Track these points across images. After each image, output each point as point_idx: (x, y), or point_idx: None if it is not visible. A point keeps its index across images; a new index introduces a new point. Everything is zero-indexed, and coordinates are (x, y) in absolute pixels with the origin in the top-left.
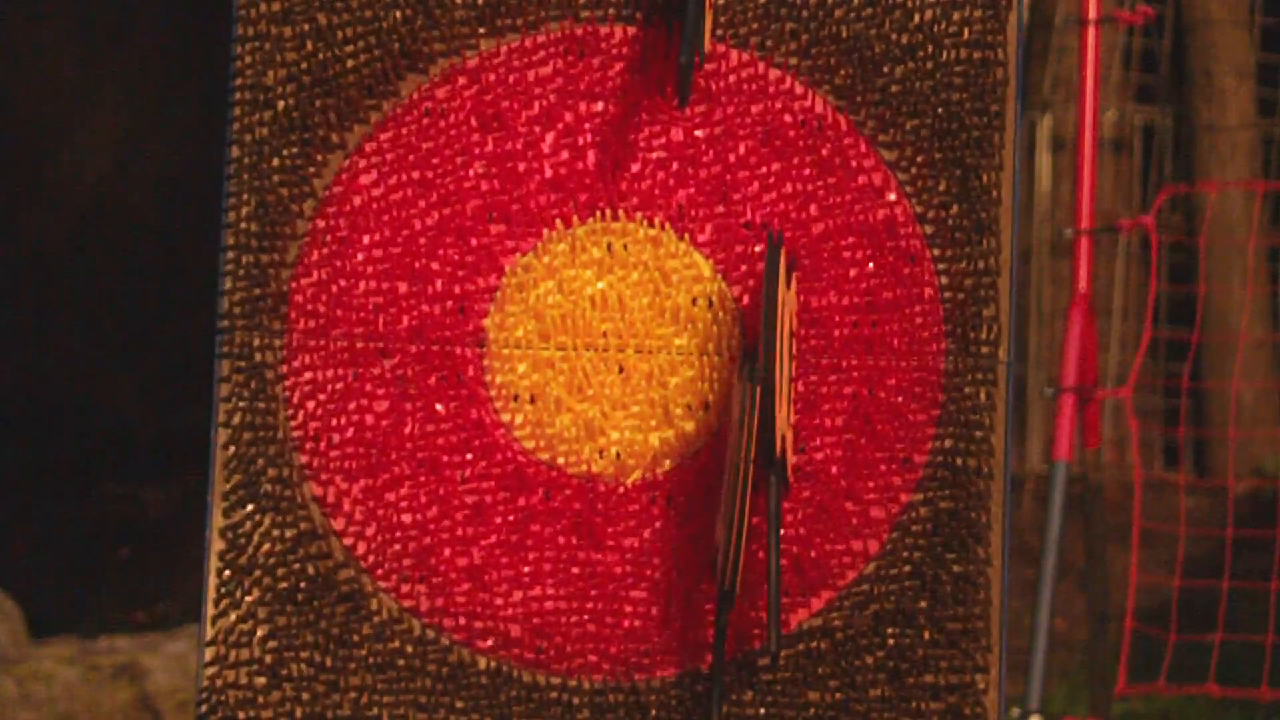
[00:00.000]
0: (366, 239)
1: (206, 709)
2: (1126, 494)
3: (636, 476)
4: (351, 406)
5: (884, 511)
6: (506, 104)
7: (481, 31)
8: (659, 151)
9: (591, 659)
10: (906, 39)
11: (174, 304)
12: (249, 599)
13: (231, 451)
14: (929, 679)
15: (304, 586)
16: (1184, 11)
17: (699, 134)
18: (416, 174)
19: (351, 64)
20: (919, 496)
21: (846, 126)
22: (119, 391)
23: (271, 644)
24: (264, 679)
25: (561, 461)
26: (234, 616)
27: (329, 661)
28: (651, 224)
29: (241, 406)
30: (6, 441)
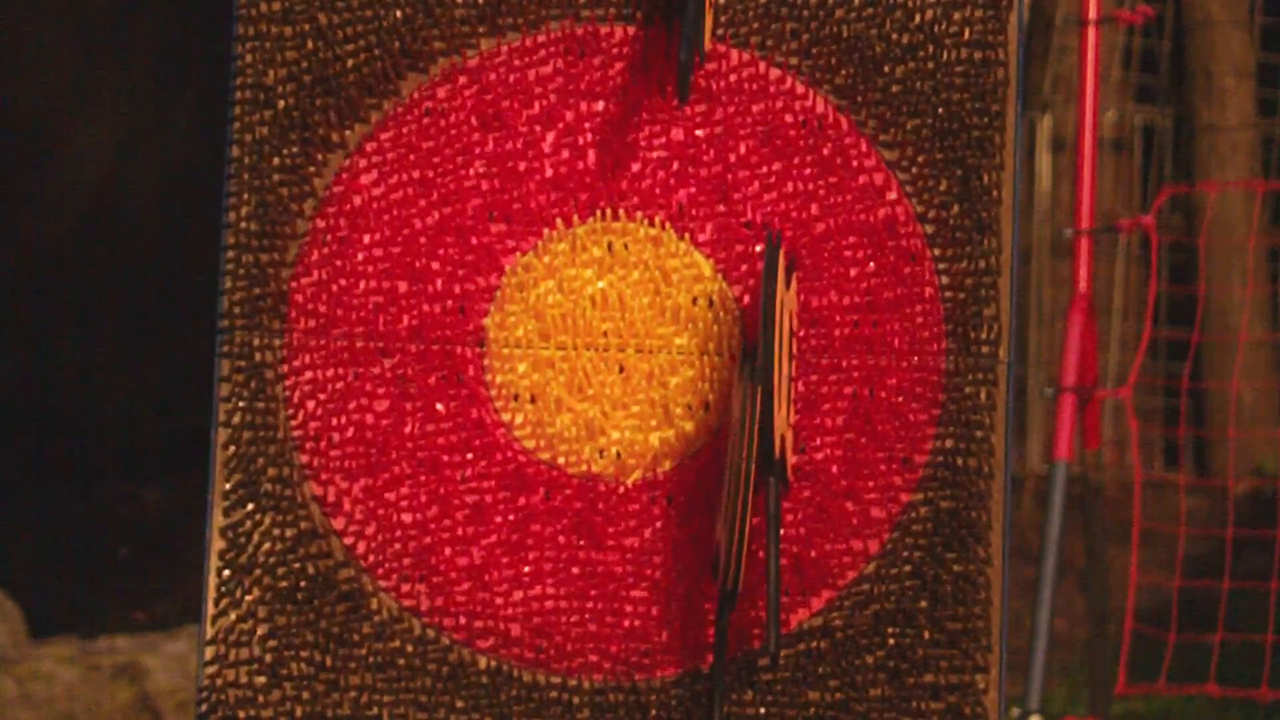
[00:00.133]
0: (367, 238)
1: (207, 708)
2: (1126, 494)
3: (637, 476)
4: (352, 406)
5: (884, 511)
6: (507, 103)
7: (482, 31)
8: (659, 151)
9: (592, 659)
10: (907, 39)
11: (174, 304)
12: (249, 598)
13: (232, 451)
14: (929, 679)
15: (304, 586)
16: (1184, 11)
17: (700, 133)
18: (417, 173)
19: (352, 63)
20: (919, 496)
21: (847, 126)
22: (119, 391)
23: (271, 643)
24: (264, 678)
25: (562, 461)
26: (234, 616)
27: (329, 661)
28: (652, 223)
29: (242, 406)
30: (6, 442)
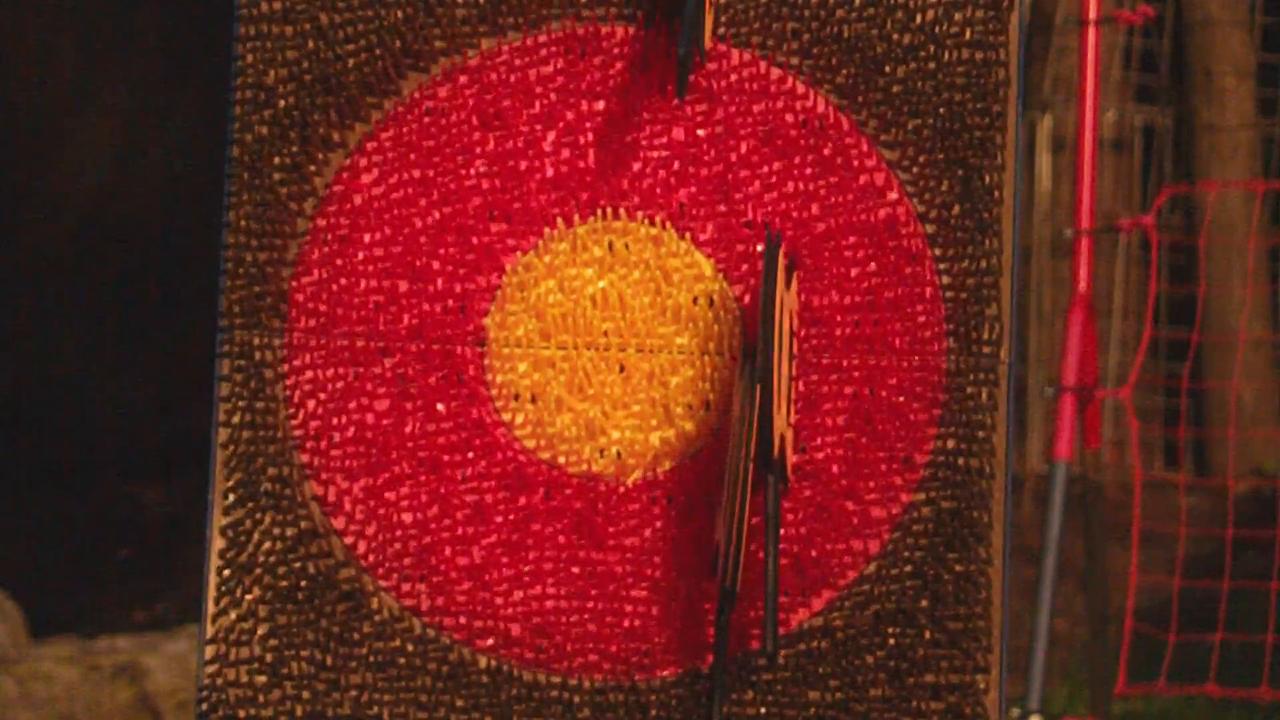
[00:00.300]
0: (367, 238)
1: (207, 707)
2: (1126, 494)
3: (637, 476)
4: (352, 405)
5: (885, 511)
6: (508, 103)
7: (483, 30)
8: (660, 150)
9: (592, 658)
10: (908, 39)
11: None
12: (249, 597)
13: (232, 450)
14: (930, 679)
15: (304, 585)
16: (1184, 11)
17: (700, 133)
18: (417, 173)
19: (353, 63)
20: (920, 496)
21: (848, 126)
22: (119, 391)
23: (272, 642)
24: (264, 677)
25: (562, 461)
26: (234, 615)
27: (329, 660)
28: (653, 223)
29: (242, 405)
30: (6, 441)
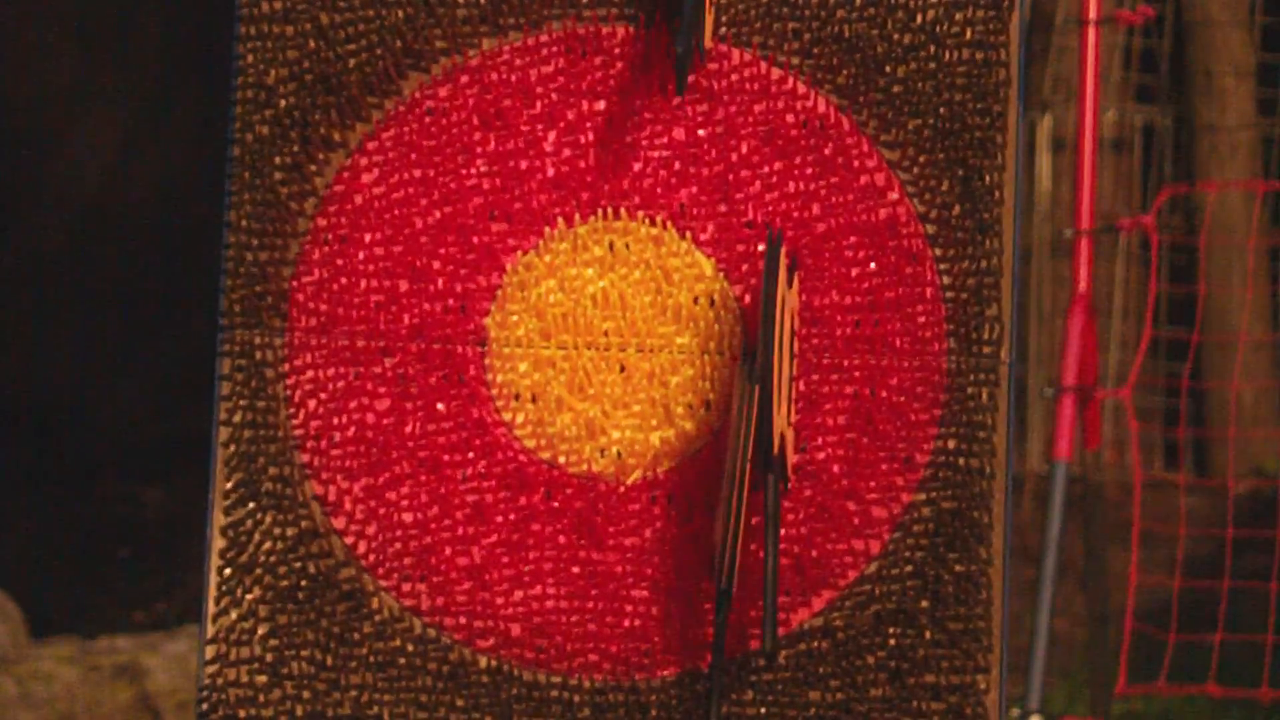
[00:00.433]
0: (368, 237)
1: (207, 707)
2: (1126, 494)
3: (637, 476)
4: (352, 405)
5: (885, 511)
6: (509, 103)
7: (484, 30)
8: (661, 150)
9: (592, 658)
10: (909, 39)
11: (174, 304)
12: (250, 597)
13: (232, 450)
14: (930, 679)
15: (305, 585)
16: (1184, 11)
17: (701, 133)
18: (418, 172)
19: (353, 63)
20: (921, 496)
21: (849, 126)
22: (119, 391)
23: (272, 642)
24: (265, 677)
25: (562, 460)
26: (235, 615)
27: (330, 660)
28: (653, 222)
29: (242, 405)
30: (6, 441)
